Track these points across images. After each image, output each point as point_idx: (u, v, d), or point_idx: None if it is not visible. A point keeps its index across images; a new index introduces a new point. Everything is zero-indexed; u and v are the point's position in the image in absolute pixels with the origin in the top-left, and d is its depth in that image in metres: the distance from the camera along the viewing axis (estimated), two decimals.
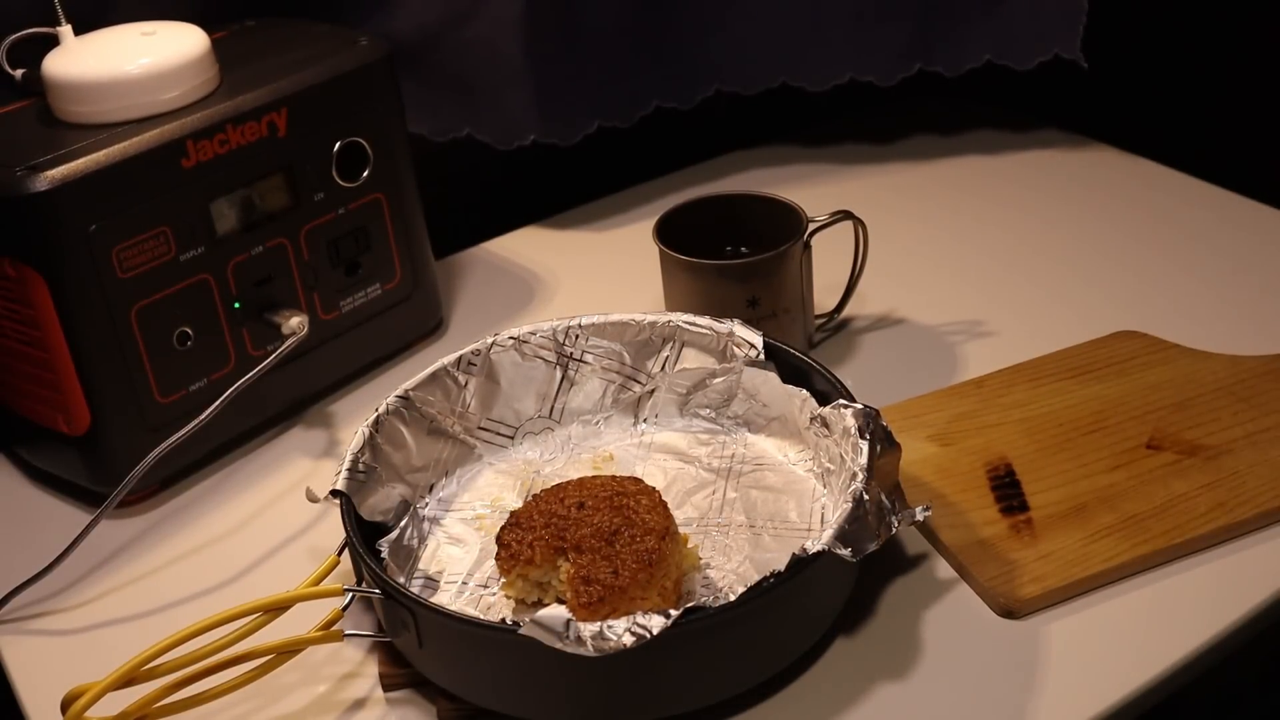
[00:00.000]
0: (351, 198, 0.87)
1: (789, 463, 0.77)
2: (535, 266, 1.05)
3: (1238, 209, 1.03)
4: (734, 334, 0.78)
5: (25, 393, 0.80)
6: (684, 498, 0.75)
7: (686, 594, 0.67)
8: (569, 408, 0.81)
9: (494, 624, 0.61)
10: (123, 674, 0.60)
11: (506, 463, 0.79)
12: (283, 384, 0.86)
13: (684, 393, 0.81)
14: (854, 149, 1.18)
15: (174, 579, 0.77)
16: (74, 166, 0.73)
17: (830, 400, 0.73)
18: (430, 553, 0.73)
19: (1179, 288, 0.94)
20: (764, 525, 0.72)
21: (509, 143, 1.04)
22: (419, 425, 0.76)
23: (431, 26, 1.00)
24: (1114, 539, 0.70)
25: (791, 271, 0.84)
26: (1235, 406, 0.79)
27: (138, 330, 0.78)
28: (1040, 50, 1.04)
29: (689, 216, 0.89)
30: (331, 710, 0.67)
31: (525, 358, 0.80)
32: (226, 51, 0.83)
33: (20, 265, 0.74)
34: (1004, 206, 1.07)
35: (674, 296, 0.87)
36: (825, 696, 0.64)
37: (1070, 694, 0.63)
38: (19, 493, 0.86)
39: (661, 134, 1.14)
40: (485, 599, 0.69)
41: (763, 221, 0.88)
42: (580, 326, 0.80)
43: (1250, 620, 0.67)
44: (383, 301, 0.91)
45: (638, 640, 0.58)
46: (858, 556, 0.62)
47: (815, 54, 1.08)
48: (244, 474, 0.85)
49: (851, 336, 0.92)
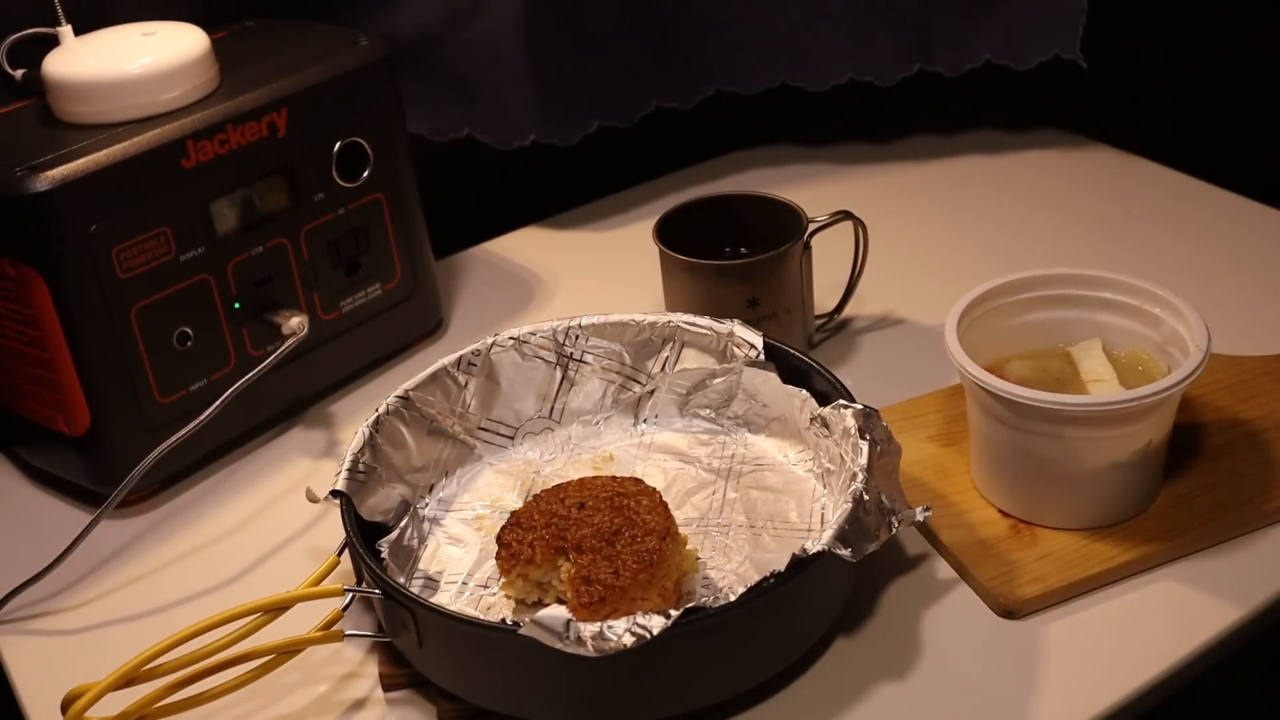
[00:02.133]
0: (351, 198, 0.87)
1: (789, 463, 0.77)
2: (535, 266, 1.05)
3: (1238, 209, 1.03)
4: (734, 334, 0.78)
5: (25, 393, 0.80)
6: (684, 498, 0.75)
7: (686, 594, 0.67)
8: (569, 408, 0.81)
9: (494, 624, 0.61)
10: (123, 674, 0.60)
11: (507, 463, 0.79)
12: (283, 384, 0.86)
13: (684, 393, 0.81)
14: (854, 149, 1.18)
15: (174, 579, 0.77)
16: (74, 166, 0.73)
17: (830, 400, 0.73)
18: (430, 553, 0.73)
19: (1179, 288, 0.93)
20: (764, 525, 0.72)
21: (509, 143, 1.04)
22: (419, 425, 0.76)
23: (431, 26, 1.00)
24: (1114, 539, 0.71)
25: (791, 271, 0.84)
26: (1235, 406, 0.79)
27: (138, 330, 0.78)
28: (1040, 50, 1.04)
29: (689, 216, 0.89)
30: (331, 710, 0.67)
31: (525, 358, 0.80)
32: (226, 51, 0.83)
33: (20, 265, 0.74)
34: (1004, 206, 1.07)
35: (674, 296, 0.87)
36: (825, 696, 0.64)
37: (1070, 694, 0.63)
38: (19, 493, 0.86)
39: (661, 134, 1.13)
40: (485, 599, 0.69)
41: (763, 221, 0.88)
42: (580, 327, 0.80)
43: (1250, 620, 0.67)
44: (383, 301, 0.91)
45: (638, 640, 0.58)
46: (858, 557, 0.62)
47: (815, 54, 1.08)
48: (244, 474, 0.85)
49: (851, 336, 0.92)
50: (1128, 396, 0.66)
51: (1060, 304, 0.76)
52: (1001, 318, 0.75)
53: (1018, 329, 0.76)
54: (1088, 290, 0.76)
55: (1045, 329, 0.76)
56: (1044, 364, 0.75)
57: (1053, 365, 0.75)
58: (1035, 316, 0.76)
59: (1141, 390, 0.66)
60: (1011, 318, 0.76)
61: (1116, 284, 0.75)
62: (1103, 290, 0.75)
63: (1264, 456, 0.75)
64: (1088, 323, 0.76)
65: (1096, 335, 0.76)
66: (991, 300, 0.75)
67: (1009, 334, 0.75)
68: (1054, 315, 0.76)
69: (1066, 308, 0.76)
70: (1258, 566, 0.70)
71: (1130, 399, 0.66)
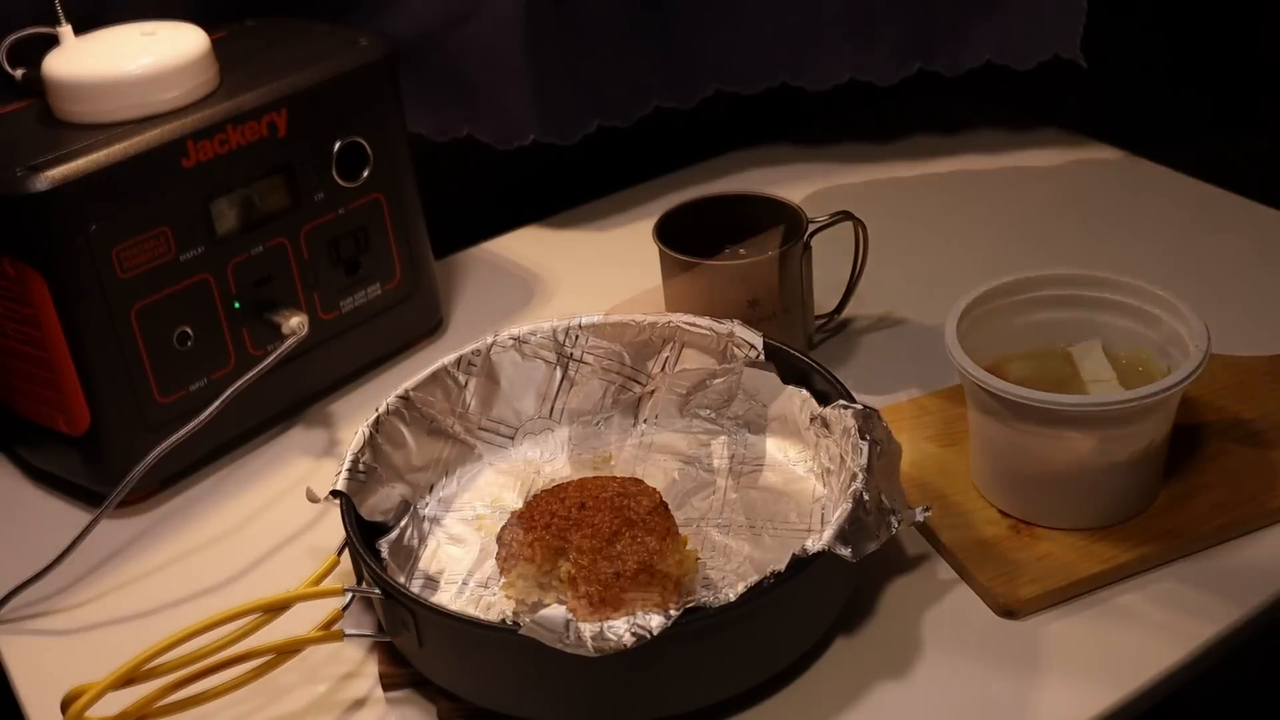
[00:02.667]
0: (351, 198, 0.87)
1: (789, 463, 0.77)
2: (535, 266, 1.05)
3: (1238, 209, 1.03)
4: (734, 334, 0.78)
5: (25, 393, 0.80)
6: (684, 498, 0.75)
7: (686, 594, 0.67)
8: (569, 408, 0.81)
9: (494, 624, 0.61)
10: (123, 674, 0.60)
11: (507, 463, 0.79)
12: (283, 384, 0.86)
13: (684, 393, 0.81)
14: (854, 149, 1.18)
15: (174, 579, 0.77)
16: (74, 166, 0.73)
17: (830, 400, 0.73)
18: (430, 553, 0.73)
19: (1179, 288, 0.93)
20: (764, 525, 0.72)
21: (509, 143, 1.04)
22: (419, 425, 0.76)
23: (431, 26, 1.00)
24: (1114, 539, 0.71)
25: (791, 272, 0.84)
26: (1235, 407, 0.79)
27: (138, 330, 0.78)
28: (1040, 50, 1.04)
29: (689, 216, 0.88)
30: (331, 710, 0.67)
31: (525, 357, 0.80)
32: (226, 51, 0.83)
33: (20, 265, 0.74)
34: (1004, 206, 1.07)
35: (674, 297, 0.87)
36: (825, 696, 0.64)
37: (1070, 694, 0.63)
38: (19, 493, 0.86)
39: (661, 134, 1.13)
40: (485, 599, 0.69)
41: (763, 222, 0.88)
42: (580, 327, 0.80)
43: (1250, 620, 0.67)
44: (383, 301, 0.91)
45: (638, 640, 0.58)
46: (858, 557, 0.62)
47: (815, 54, 1.08)
48: (244, 474, 0.85)
49: (852, 336, 0.92)
50: (1126, 397, 0.66)
51: (1060, 304, 0.76)
52: (1002, 318, 0.75)
53: (1018, 329, 0.76)
54: (1088, 290, 0.76)
55: (1045, 329, 0.76)
56: (1045, 364, 0.75)
57: (1053, 366, 0.75)
58: (1035, 317, 0.76)
59: (1140, 391, 0.66)
60: (1012, 318, 0.76)
61: (1117, 284, 0.75)
62: (1103, 290, 0.75)
63: (1264, 456, 0.75)
64: (1088, 323, 0.76)
65: (1097, 336, 0.76)
66: (992, 300, 0.75)
67: (1009, 334, 0.75)
68: (1054, 315, 0.76)
69: (1067, 308, 0.76)
70: (1258, 566, 0.70)
71: (1129, 399, 0.66)
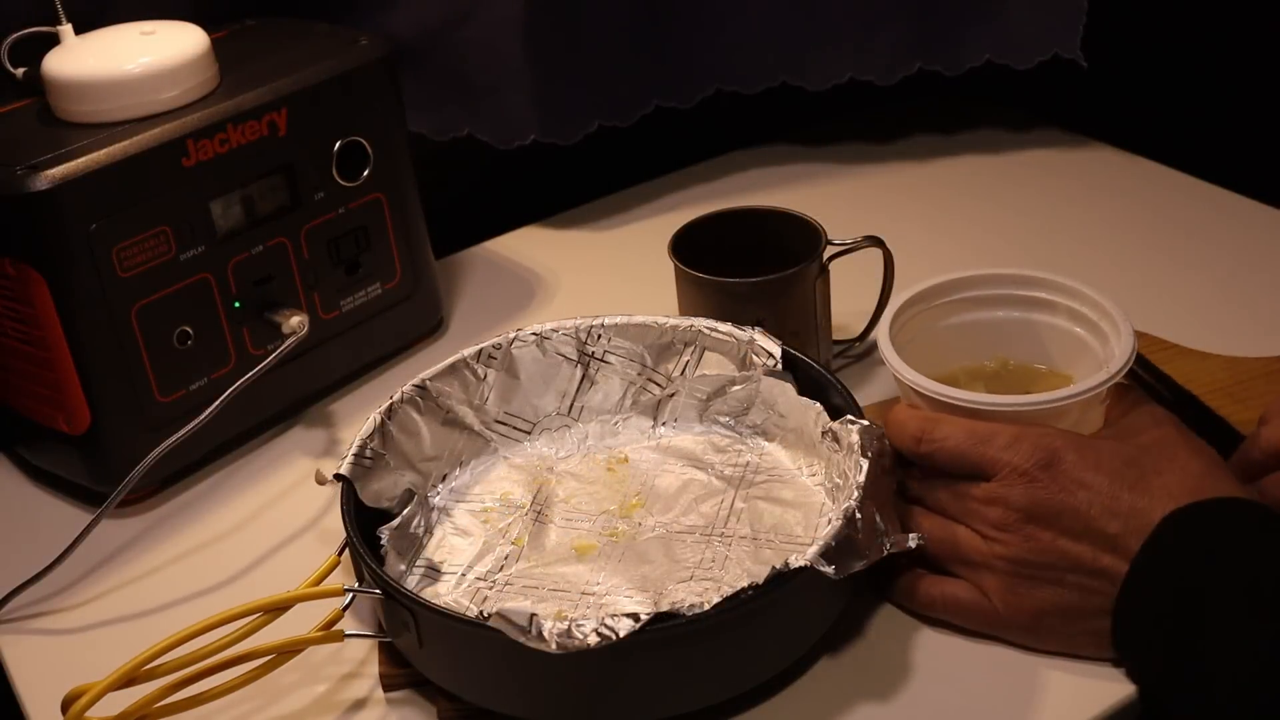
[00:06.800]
0: (351, 197, 0.87)
1: (802, 475, 0.76)
2: (535, 266, 1.05)
3: (1238, 209, 1.03)
4: (754, 342, 0.77)
5: (25, 392, 0.80)
6: (692, 505, 0.74)
7: (673, 604, 0.63)
8: (588, 406, 0.81)
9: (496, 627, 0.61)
10: (123, 674, 0.60)
11: (521, 457, 0.79)
12: (283, 384, 0.86)
13: (704, 398, 0.80)
14: (854, 149, 1.18)
15: (174, 579, 0.77)
16: (74, 166, 0.73)
17: (842, 415, 0.72)
18: (436, 541, 0.73)
19: (1178, 288, 0.94)
20: (766, 538, 0.71)
21: (509, 142, 1.04)
22: (434, 415, 0.76)
23: (431, 26, 1.00)
24: None
25: (802, 294, 0.81)
26: (1233, 408, 0.79)
27: (138, 329, 0.78)
28: (1040, 50, 1.04)
29: (712, 229, 0.85)
30: (331, 710, 0.67)
31: (546, 354, 0.80)
32: (226, 51, 0.83)
33: (20, 265, 0.74)
34: (1004, 206, 1.07)
35: (687, 310, 0.84)
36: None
37: (1070, 694, 0.63)
38: (19, 493, 0.86)
39: (661, 134, 1.13)
40: (482, 591, 0.69)
41: (782, 238, 0.84)
42: (603, 326, 0.80)
43: None
44: (383, 301, 0.91)
45: (602, 641, 0.57)
46: (841, 575, 0.61)
47: (815, 54, 1.08)
48: (244, 474, 0.85)
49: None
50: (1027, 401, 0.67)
51: (993, 304, 0.76)
52: (933, 319, 0.75)
53: (950, 331, 0.75)
54: (1022, 290, 0.75)
55: (978, 330, 0.76)
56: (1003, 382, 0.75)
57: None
58: (968, 317, 0.76)
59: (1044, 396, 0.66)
60: (943, 319, 0.75)
61: (1051, 284, 0.75)
62: (1037, 290, 0.75)
63: None
64: (1021, 323, 0.76)
65: (1031, 336, 0.75)
66: (923, 302, 0.75)
67: (942, 336, 0.75)
68: (985, 316, 0.76)
69: (1000, 308, 0.76)
70: None
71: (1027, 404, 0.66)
